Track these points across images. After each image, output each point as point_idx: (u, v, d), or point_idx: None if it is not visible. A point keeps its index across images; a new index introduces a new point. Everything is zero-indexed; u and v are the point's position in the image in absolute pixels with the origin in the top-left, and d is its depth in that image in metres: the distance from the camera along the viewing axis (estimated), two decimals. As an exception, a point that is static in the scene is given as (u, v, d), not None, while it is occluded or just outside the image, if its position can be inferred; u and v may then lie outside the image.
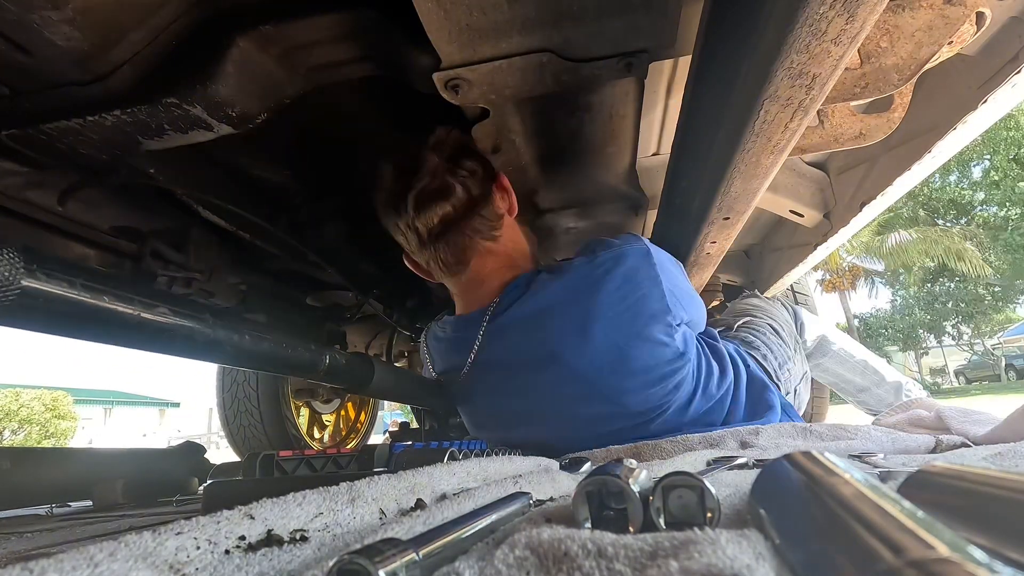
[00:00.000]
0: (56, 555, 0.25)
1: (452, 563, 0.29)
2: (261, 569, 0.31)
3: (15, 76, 0.74)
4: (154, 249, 1.09)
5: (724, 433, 0.86)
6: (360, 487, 0.43)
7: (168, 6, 0.73)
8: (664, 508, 0.32)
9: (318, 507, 0.38)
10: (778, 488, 0.31)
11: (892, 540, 0.19)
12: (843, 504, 0.23)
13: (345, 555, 0.25)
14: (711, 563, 0.22)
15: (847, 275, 20.26)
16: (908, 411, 1.16)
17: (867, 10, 0.51)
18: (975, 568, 0.15)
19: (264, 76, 0.81)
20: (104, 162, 0.88)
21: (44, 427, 12.04)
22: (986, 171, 19.33)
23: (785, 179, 1.47)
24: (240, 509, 0.35)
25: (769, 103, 0.65)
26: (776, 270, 1.83)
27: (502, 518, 0.38)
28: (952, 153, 1.02)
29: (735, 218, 1.02)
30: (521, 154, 1.16)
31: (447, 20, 0.71)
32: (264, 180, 1.26)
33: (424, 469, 0.52)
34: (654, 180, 1.36)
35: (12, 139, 0.80)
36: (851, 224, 1.34)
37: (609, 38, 0.77)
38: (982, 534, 0.24)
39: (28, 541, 0.82)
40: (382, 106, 1.17)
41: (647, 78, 0.92)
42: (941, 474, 0.31)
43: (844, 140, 0.99)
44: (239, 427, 2.40)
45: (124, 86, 0.76)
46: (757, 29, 0.57)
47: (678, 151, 0.98)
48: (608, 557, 0.25)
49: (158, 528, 0.30)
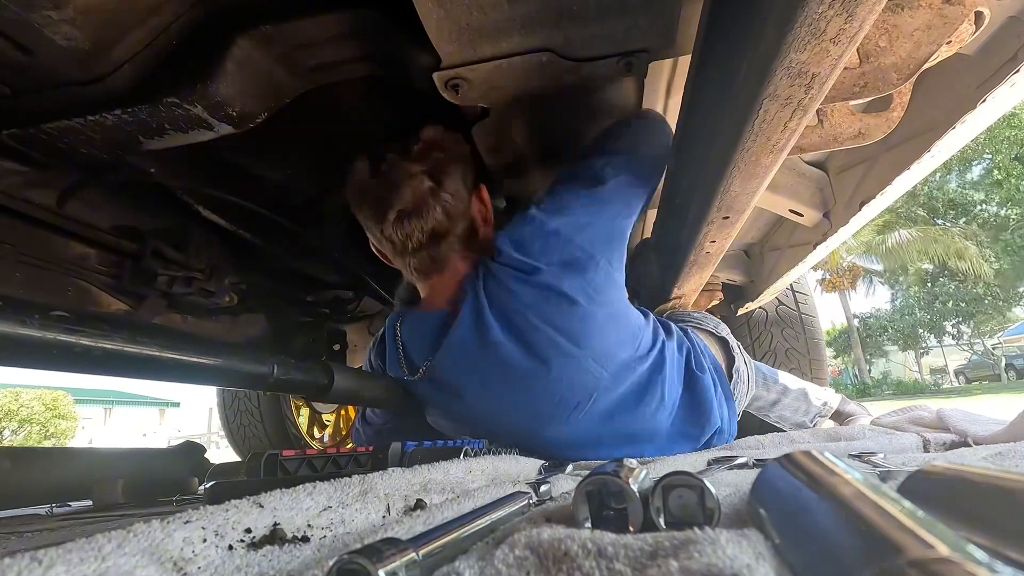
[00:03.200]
0: (64, 545, 0.25)
1: (452, 563, 0.29)
2: (261, 569, 0.31)
3: (16, 76, 0.74)
4: (154, 248, 1.09)
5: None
6: (372, 480, 0.43)
7: (168, 6, 0.73)
8: (664, 508, 0.32)
9: (328, 499, 0.39)
10: (778, 488, 0.31)
11: (892, 540, 0.19)
12: (843, 504, 0.23)
13: (345, 555, 0.25)
14: (711, 563, 0.22)
15: (847, 275, 20.26)
16: (908, 412, 1.16)
17: (866, 9, 0.51)
18: (975, 568, 0.16)
19: (264, 76, 0.81)
20: (105, 161, 0.88)
21: (44, 427, 12.03)
22: (987, 170, 19.31)
23: (784, 178, 1.47)
24: (249, 498, 0.35)
25: (768, 102, 0.65)
26: (775, 269, 1.83)
27: (502, 518, 0.38)
28: (951, 152, 1.02)
29: (735, 217, 1.02)
30: (521, 153, 1.16)
31: (447, 20, 0.71)
32: (264, 179, 1.26)
33: (438, 465, 0.52)
34: (654, 180, 1.36)
35: (13, 138, 0.80)
36: (851, 223, 1.33)
37: (609, 38, 0.77)
38: (982, 534, 0.24)
39: (28, 541, 0.81)
40: (382, 106, 1.17)
41: (647, 78, 0.92)
42: (941, 474, 0.31)
43: (843, 139, 0.99)
44: (239, 427, 2.40)
45: (125, 85, 0.76)
46: (756, 29, 0.57)
47: (678, 150, 0.98)
48: (608, 557, 0.25)
49: (167, 517, 0.30)
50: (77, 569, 0.25)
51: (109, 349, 0.53)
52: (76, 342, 0.50)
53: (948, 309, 21.21)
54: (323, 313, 1.84)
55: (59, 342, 0.48)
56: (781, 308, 2.15)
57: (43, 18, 0.65)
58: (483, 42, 0.75)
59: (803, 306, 2.16)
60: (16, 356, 0.47)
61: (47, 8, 0.64)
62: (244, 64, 0.77)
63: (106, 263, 1.11)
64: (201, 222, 1.16)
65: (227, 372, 0.68)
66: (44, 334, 0.47)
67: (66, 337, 0.49)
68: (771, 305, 2.15)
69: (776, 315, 2.14)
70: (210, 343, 0.67)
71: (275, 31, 0.76)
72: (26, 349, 0.47)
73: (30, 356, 0.48)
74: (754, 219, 1.87)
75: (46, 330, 0.47)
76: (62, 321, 0.50)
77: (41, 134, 0.79)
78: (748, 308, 2.05)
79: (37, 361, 0.50)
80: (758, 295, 1.94)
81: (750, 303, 2.01)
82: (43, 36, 0.67)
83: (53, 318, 0.48)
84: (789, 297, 2.17)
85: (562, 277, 0.98)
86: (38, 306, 0.98)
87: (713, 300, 2.35)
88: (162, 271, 1.10)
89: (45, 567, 0.24)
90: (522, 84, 0.83)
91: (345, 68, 0.86)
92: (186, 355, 0.62)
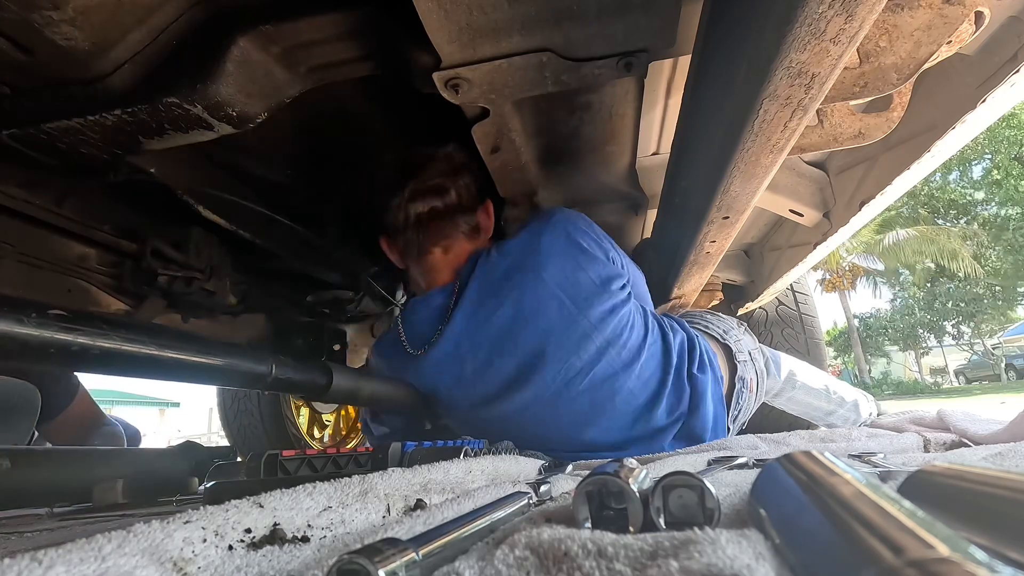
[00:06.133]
0: (64, 545, 0.25)
1: (452, 563, 0.29)
2: (261, 569, 0.31)
3: (16, 75, 0.74)
4: (154, 248, 1.09)
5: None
6: (372, 481, 0.43)
7: (168, 5, 0.73)
8: (664, 508, 0.32)
9: (328, 499, 0.38)
10: (778, 488, 0.31)
11: (892, 540, 0.19)
12: (843, 504, 0.23)
13: (345, 555, 0.25)
14: (711, 563, 0.22)
15: (847, 275, 20.26)
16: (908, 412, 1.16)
17: (866, 9, 0.51)
18: (975, 568, 0.15)
19: (265, 75, 0.81)
20: (105, 161, 0.88)
21: (44, 427, 12.01)
22: (987, 170, 19.29)
23: (784, 178, 1.47)
24: (249, 498, 0.35)
25: (768, 102, 0.65)
26: (775, 269, 1.83)
27: (502, 518, 0.38)
28: (951, 152, 1.02)
29: (734, 217, 1.02)
30: (521, 153, 1.16)
31: (447, 20, 0.71)
32: (264, 179, 1.26)
33: (438, 465, 0.52)
34: (654, 180, 1.36)
35: (13, 138, 0.80)
36: (851, 223, 1.33)
37: (609, 38, 0.77)
38: (982, 534, 0.24)
39: (28, 541, 0.81)
40: (382, 106, 1.17)
41: (647, 77, 0.92)
42: (941, 474, 0.31)
43: (843, 139, 0.99)
44: (239, 427, 2.39)
45: (125, 85, 0.76)
46: (756, 28, 0.57)
47: (678, 150, 0.98)
48: (608, 557, 0.25)
49: (167, 517, 0.30)
50: (77, 569, 0.25)
51: (107, 348, 0.52)
52: (73, 340, 0.50)
53: (948, 309, 21.21)
54: (323, 313, 1.83)
55: (56, 341, 0.48)
56: (781, 308, 2.15)
57: (43, 18, 0.65)
58: (483, 42, 0.75)
59: (803, 306, 2.16)
60: (13, 355, 0.47)
61: (47, 8, 0.64)
62: (244, 64, 0.77)
63: (106, 263, 1.10)
64: (201, 222, 1.15)
65: (227, 372, 0.68)
66: (41, 333, 0.47)
67: (63, 336, 0.49)
68: (771, 305, 2.15)
69: (776, 315, 2.14)
70: (210, 343, 0.66)
71: (275, 31, 0.76)
72: (23, 348, 0.46)
73: (27, 355, 0.47)
74: (754, 219, 1.87)
75: (43, 329, 0.47)
76: (59, 320, 0.50)
77: (41, 134, 0.79)
78: (748, 308, 2.06)
79: (35, 360, 0.49)
80: (758, 295, 1.94)
81: (750, 303, 2.01)
82: (43, 36, 0.67)
83: (50, 317, 0.48)
84: (789, 297, 2.17)
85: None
86: (35, 305, 0.98)
87: (713, 300, 2.35)
88: (162, 271, 1.10)
89: (45, 567, 0.24)
90: (522, 84, 0.83)
91: (345, 68, 0.85)
92: (186, 355, 0.62)
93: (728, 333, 1.37)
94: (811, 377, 1.52)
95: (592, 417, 1.08)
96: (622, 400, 1.08)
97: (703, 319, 1.42)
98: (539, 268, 1.09)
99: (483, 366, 1.09)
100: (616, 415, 1.08)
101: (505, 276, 1.10)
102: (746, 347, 1.36)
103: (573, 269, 1.10)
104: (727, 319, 1.44)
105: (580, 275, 1.10)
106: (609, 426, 1.08)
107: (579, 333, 1.07)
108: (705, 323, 1.39)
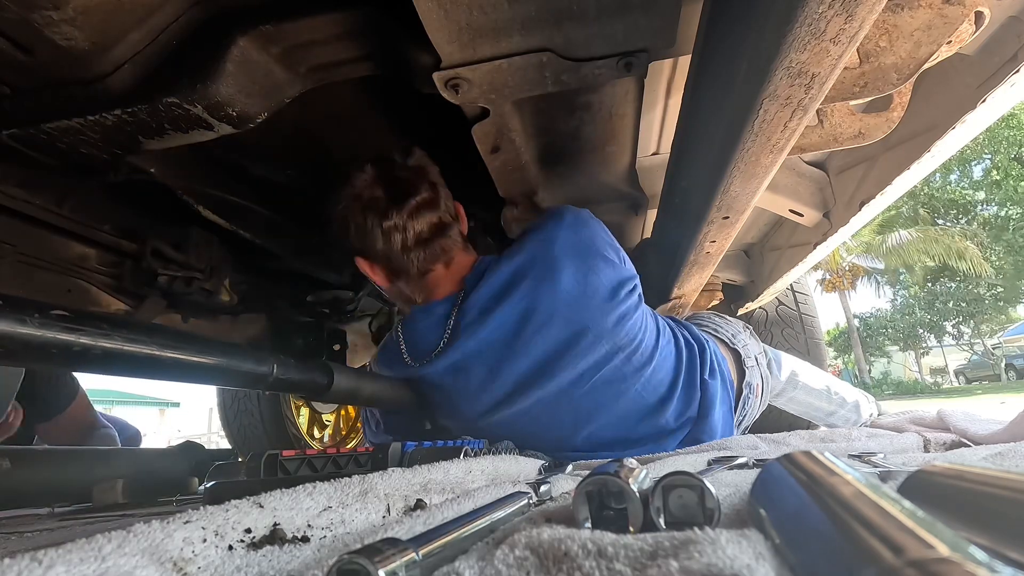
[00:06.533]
0: (64, 545, 0.25)
1: (452, 563, 0.29)
2: (261, 569, 0.31)
3: (16, 75, 0.74)
4: (154, 248, 1.09)
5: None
6: (372, 481, 0.43)
7: (168, 6, 0.73)
8: (664, 508, 0.32)
9: (328, 499, 0.38)
10: (778, 488, 0.31)
11: (892, 540, 0.19)
12: (843, 504, 0.23)
13: (345, 555, 0.25)
14: (711, 563, 0.22)
15: (847, 275, 20.26)
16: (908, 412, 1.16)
17: (866, 9, 0.51)
18: (975, 568, 0.15)
19: (264, 75, 0.81)
20: (105, 161, 0.88)
21: (44, 427, 12.01)
22: (987, 170, 19.29)
23: (784, 178, 1.47)
24: (249, 499, 0.35)
25: (768, 102, 0.65)
26: (775, 269, 1.83)
27: (502, 518, 0.38)
28: (951, 152, 1.02)
29: (734, 217, 1.02)
30: (521, 153, 1.16)
31: (447, 20, 0.71)
32: (264, 179, 1.26)
33: (438, 465, 0.52)
34: (654, 180, 1.36)
35: (13, 138, 0.80)
36: (851, 223, 1.34)
37: (609, 38, 0.77)
38: (982, 534, 0.24)
39: (28, 541, 0.81)
40: (382, 105, 1.17)
41: (647, 77, 0.92)
42: (941, 474, 0.31)
43: (843, 139, 0.99)
44: (239, 427, 2.40)
45: (125, 85, 0.76)
46: (756, 28, 0.57)
47: (678, 150, 0.98)
48: (608, 557, 0.25)
49: (167, 517, 0.30)
50: (77, 569, 0.25)
51: (108, 348, 0.52)
52: (75, 341, 0.50)
53: (948, 309, 21.21)
54: (323, 313, 1.84)
55: (58, 341, 0.48)
56: (781, 308, 2.15)
57: (43, 18, 0.65)
58: (483, 42, 0.75)
59: (803, 306, 2.16)
60: (15, 355, 0.47)
61: (47, 8, 0.64)
62: (244, 64, 0.77)
63: (106, 263, 1.11)
64: (201, 222, 1.15)
65: (227, 372, 0.68)
66: (43, 333, 0.47)
67: (65, 336, 0.49)
68: (771, 305, 2.15)
69: (776, 315, 2.14)
70: (210, 343, 0.66)
71: (275, 31, 0.76)
72: (25, 348, 0.46)
73: (29, 355, 0.47)
74: (754, 219, 1.87)
75: (45, 329, 0.47)
76: (61, 320, 0.50)
77: (41, 134, 0.79)
78: (748, 308, 2.06)
79: (36, 360, 0.49)
80: (758, 295, 1.94)
81: (750, 303, 2.01)
82: (43, 36, 0.67)
83: (52, 316, 0.48)
84: (789, 297, 2.17)
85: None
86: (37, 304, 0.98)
87: (713, 300, 2.35)
88: (162, 271, 1.10)
89: (45, 567, 0.24)
90: (522, 84, 0.83)
91: (345, 68, 0.85)
92: (186, 354, 0.62)
93: (736, 337, 1.35)
94: (812, 377, 1.52)
95: (593, 415, 1.07)
96: (629, 400, 1.08)
97: (711, 322, 1.41)
98: (553, 276, 1.06)
99: (490, 376, 1.07)
100: (619, 414, 1.08)
101: (514, 284, 1.07)
102: (753, 351, 1.35)
103: (586, 274, 1.07)
104: (734, 322, 1.43)
105: (594, 280, 1.07)
106: (608, 423, 1.08)
107: (591, 339, 1.05)
108: (714, 326, 1.38)
